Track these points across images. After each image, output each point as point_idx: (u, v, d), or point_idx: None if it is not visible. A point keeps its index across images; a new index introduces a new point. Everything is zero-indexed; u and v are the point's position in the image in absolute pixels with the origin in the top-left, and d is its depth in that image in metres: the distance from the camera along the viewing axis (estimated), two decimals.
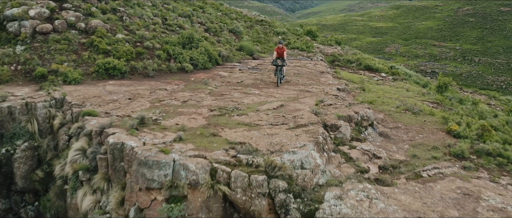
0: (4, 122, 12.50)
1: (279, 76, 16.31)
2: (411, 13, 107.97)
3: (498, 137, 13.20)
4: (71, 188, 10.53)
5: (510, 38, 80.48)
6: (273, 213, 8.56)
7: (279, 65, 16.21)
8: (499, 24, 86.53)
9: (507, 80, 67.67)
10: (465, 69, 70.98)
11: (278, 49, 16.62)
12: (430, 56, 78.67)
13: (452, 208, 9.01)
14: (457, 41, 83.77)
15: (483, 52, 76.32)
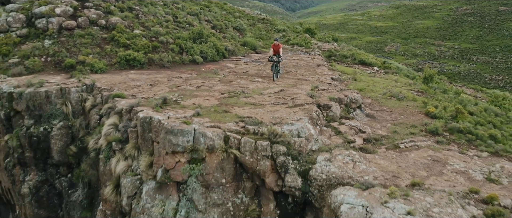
0: (42, 105, 14.49)
1: (275, 71, 17.34)
2: (411, 12, 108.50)
3: (471, 119, 15.15)
4: (105, 157, 12.51)
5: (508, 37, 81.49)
6: (275, 172, 10.53)
7: (275, 61, 17.20)
8: (497, 24, 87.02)
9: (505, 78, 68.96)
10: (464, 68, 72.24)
11: (274, 46, 17.53)
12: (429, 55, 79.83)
13: (422, 169, 10.99)
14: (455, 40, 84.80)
15: (481, 51, 77.26)
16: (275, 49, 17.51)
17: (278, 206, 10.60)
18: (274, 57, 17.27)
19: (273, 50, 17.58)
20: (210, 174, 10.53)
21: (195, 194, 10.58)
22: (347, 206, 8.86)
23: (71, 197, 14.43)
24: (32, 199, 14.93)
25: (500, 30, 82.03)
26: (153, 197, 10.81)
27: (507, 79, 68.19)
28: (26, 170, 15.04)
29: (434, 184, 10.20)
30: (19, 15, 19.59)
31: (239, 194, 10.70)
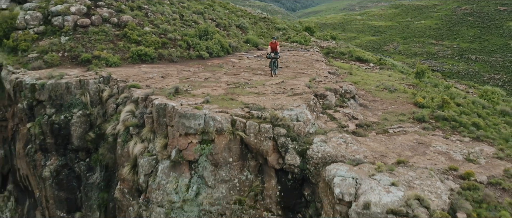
0: (62, 95, 15.82)
1: (273, 67, 17.98)
2: (410, 12, 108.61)
3: (456, 109, 16.46)
4: (122, 141, 13.84)
5: (506, 36, 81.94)
6: (276, 152, 11.86)
7: (273, 57, 17.92)
8: (496, 23, 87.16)
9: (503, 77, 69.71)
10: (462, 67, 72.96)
11: (272, 44, 18.31)
12: (428, 54, 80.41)
13: (407, 150, 12.31)
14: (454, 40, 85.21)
15: (480, 50, 77.71)
16: (272, 46, 18.34)
17: (279, 182, 11.92)
18: (272, 54, 18.09)
19: (271, 47, 18.40)
20: (219, 154, 11.85)
21: (205, 171, 11.91)
22: (339, 178, 10.19)
23: (89, 180, 15.76)
24: (52, 182, 16.26)
25: (499, 29, 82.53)
26: (168, 174, 12.14)
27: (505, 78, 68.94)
28: (47, 155, 16.37)
29: (417, 162, 11.52)
30: (36, 13, 20.91)
31: (244, 171, 12.03)
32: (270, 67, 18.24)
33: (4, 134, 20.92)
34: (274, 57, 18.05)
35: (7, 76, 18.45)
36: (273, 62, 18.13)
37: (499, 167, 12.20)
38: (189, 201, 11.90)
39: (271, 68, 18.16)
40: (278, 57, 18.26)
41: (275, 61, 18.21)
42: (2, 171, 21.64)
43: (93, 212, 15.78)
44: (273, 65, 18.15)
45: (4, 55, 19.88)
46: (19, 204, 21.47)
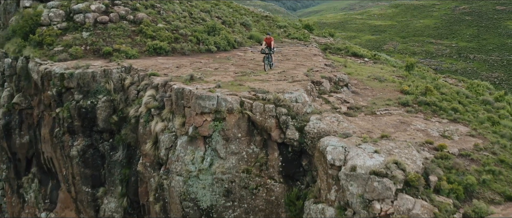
0: (89, 82, 17.88)
1: (267, 63, 18.25)
2: (410, 11, 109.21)
3: (438, 96, 18.48)
4: (144, 121, 15.88)
5: (504, 35, 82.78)
6: (278, 128, 13.90)
7: (267, 53, 18.17)
8: (494, 22, 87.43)
9: (501, 76, 71.12)
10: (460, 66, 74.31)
11: (266, 39, 18.50)
12: (427, 53, 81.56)
13: (390, 128, 14.35)
14: (453, 39, 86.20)
15: (478, 49, 78.52)
16: (267, 42, 18.49)
17: (280, 154, 13.97)
18: (266, 49, 18.28)
19: (266, 43, 18.56)
20: (229, 130, 13.90)
21: (218, 145, 13.96)
22: (331, 147, 12.23)
23: (113, 158, 17.81)
24: (79, 161, 18.32)
25: (497, 29, 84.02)
26: (185, 148, 14.20)
27: (503, 76, 70.34)
28: (74, 136, 18.43)
29: (398, 137, 13.56)
30: (59, 11, 22.96)
31: (251, 145, 14.08)
32: (264, 62, 18.47)
33: (30, 121, 22.94)
34: (268, 53, 18.31)
35: (35, 67, 20.50)
36: (267, 57, 18.40)
37: (470, 142, 14.25)
38: (204, 171, 13.94)
39: (265, 63, 18.40)
40: (271, 52, 18.44)
41: (269, 56, 18.49)
42: (27, 155, 23.66)
43: (116, 186, 17.84)
44: (266, 60, 18.41)
45: (31, 48, 21.93)
46: (43, 185, 23.52)
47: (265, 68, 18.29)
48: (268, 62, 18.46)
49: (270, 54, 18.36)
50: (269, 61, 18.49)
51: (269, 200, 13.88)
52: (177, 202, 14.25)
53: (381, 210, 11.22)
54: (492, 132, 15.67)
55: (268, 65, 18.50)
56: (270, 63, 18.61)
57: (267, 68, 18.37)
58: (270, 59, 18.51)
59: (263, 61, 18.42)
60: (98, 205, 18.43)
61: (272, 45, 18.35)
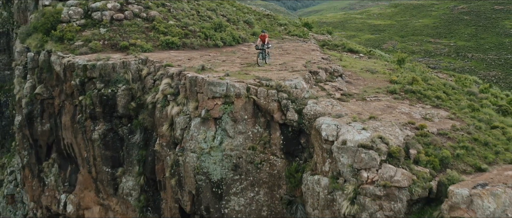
0: (109, 73, 19.89)
1: (260, 58, 19.39)
2: (409, 11, 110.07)
3: (424, 85, 20.44)
4: (161, 106, 17.89)
5: (502, 35, 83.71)
6: (280, 110, 15.90)
7: (261, 49, 19.44)
8: (492, 22, 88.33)
9: (498, 74, 72.55)
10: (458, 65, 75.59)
11: (261, 37, 19.86)
12: (425, 52, 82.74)
13: (378, 111, 16.35)
14: (451, 38, 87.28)
15: (476, 48, 79.05)
16: (262, 39, 19.76)
17: (282, 134, 15.98)
18: (260, 45, 19.51)
19: (261, 39, 19.80)
20: (237, 112, 15.92)
21: (227, 125, 15.97)
22: (325, 125, 14.24)
23: (131, 140, 19.81)
24: (100, 143, 20.33)
25: (495, 28, 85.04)
26: (199, 128, 16.21)
27: (500, 75, 71.72)
28: (95, 122, 20.44)
29: (384, 118, 15.55)
30: (78, 9, 24.98)
31: (256, 126, 16.10)
32: (258, 57, 19.60)
33: (50, 110, 24.93)
34: (262, 48, 19.48)
35: (57, 60, 22.50)
36: (261, 52, 19.57)
37: (448, 124, 16.24)
38: (215, 148, 15.96)
39: (258, 58, 19.51)
40: (265, 48, 19.53)
41: (263, 51, 19.62)
42: (48, 142, 25.66)
43: (133, 166, 19.84)
44: (261, 56, 19.51)
45: (53, 43, 23.92)
46: (62, 169, 25.53)
47: (258, 63, 19.57)
48: (262, 57, 19.78)
49: (264, 49, 19.76)
50: (263, 56, 19.80)
51: (272, 173, 15.90)
52: (191, 176, 16.27)
53: (368, 178, 13.24)
54: (470, 117, 17.62)
55: (263, 59, 19.77)
56: (264, 58, 19.88)
57: (261, 63, 19.65)
58: (264, 54, 19.84)
59: (257, 56, 19.82)
60: (117, 184, 20.44)
61: (266, 42, 19.75)
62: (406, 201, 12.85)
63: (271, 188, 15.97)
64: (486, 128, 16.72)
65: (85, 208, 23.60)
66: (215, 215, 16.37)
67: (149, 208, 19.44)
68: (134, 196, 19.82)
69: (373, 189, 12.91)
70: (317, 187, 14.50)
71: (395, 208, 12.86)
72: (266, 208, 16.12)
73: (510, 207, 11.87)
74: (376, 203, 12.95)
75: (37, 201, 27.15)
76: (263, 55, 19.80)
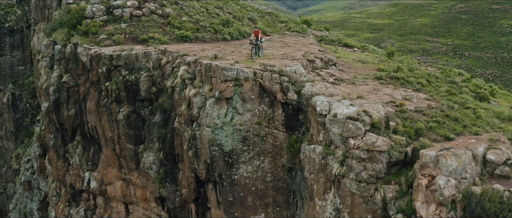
0: (133, 62, 22.79)
1: (254, 52, 21.30)
2: (407, 10, 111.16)
3: (408, 73, 23.31)
4: (179, 90, 20.79)
5: (499, 34, 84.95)
6: (282, 91, 18.79)
7: (254, 44, 21.46)
8: (489, 21, 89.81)
9: (494, 72, 74.57)
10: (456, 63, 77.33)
11: (255, 32, 21.78)
12: (423, 50, 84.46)
13: (365, 92, 19.25)
14: (449, 37, 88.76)
15: (473, 47, 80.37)
16: (256, 34, 21.73)
17: (283, 111, 18.89)
18: (254, 40, 21.51)
19: (254, 35, 21.75)
20: (246, 93, 18.82)
21: (237, 104, 18.88)
22: (319, 101, 17.14)
23: (151, 120, 22.72)
24: (124, 123, 23.24)
25: (492, 27, 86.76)
26: (213, 107, 19.13)
27: (496, 73, 73.72)
28: (120, 104, 23.34)
29: (370, 98, 18.44)
30: (101, 6, 27.90)
31: (261, 104, 19.01)
32: (251, 51, 21.55)
33: (76, 97, 27.80)
34: (255, 44, 21.50)
35: (84, 51, 25.40)
36: (254, 46, 21.52)
37: (425, 103, 19.12)
38: (227, 123, 18.88)
39: (252, 51, 21.45)
40: (258, 43, 21.50)
41: (256, 46, 21.58)
42: (73, 126, 28.55)
43: (154, 143, 22.75)
44: (254, 50, 21.45)
45: (78, 37, 26.83)
46: (85, 150, 28.42)
47: (252, 56, 21.39)
48: (256, 50, 21.78)
49: (257, 44, 21.83)
50: (256, 50, 21.81)
51: (275, 144, 18.83)
52: (206, 147, 19.20)
53: (354, 144, 16.13)
54: (447, 99, 20.52)
55: (256, 53, 21.72)
56: (258, 52, 21.86)
57: (255, 56, 21.49)
58: (257, 48, 21.86)
59: (251, 50, 21.82)
60: (139, 159, 23.36)
61: (259, 37, 21.84)
62: (385, 163, 15.70)
63: (274, 157, 18.90)
64: (459, 108, 19.59)
65: (108, 184, 26.51)
66: (226, 181, 19.30)
67: (167, 179, 22.33)
68: (154, 169, 22.72)
69: (359, 153, 15.78)
70: (313, 155, 17.41)
71: (376, 168, 15.72)
72: (270, 175, 19.05)
73: (469, 165, 14.81)
74: (361, 165, 15.82)
75: (61, 180, 30.02)
76: (256, 50, 21.90)
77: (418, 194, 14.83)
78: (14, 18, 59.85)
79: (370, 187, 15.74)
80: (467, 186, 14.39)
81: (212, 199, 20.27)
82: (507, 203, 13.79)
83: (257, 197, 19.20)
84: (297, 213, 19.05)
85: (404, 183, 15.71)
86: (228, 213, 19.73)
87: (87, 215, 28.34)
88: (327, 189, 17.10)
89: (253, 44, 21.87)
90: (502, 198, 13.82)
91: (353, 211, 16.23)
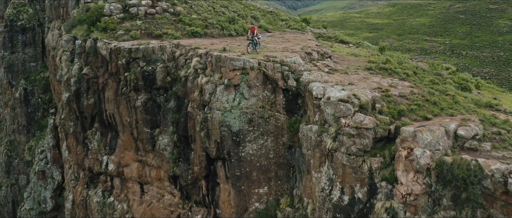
0: (150, 54, 25.53)
1: (251, 46, 23.28)
2: (406, 10, 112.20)
3: (395, 64, 26.02)
4: (192, 78, 23.52)
5: (496, 33, 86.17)
6: (283, 79, 21.51)
7: (250, 39, 23.58)
8: (486, 21, 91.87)
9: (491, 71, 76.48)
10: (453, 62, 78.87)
11: (251, 29, 23.91)
12: (421, 50, 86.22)
13: (355, 80, 21.97)
14: (447, 36, 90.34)
15: (471, 46, 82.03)
16: (252, 30, 23.88)
17: (284, 96, 21.62)
18: (250, 37, 23.70)
19: (251, 31, 23.86)
20: (251, 80, 21.54)
21: (244, 90, 21.60)
22: (315, 87, 19.86)
23: (166, 107, 25.44)
24: (142, 109, 25.96)
25: (489, 27, 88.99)
26: (222, 92, 21.85)
27: (493, 72, 75.63)
28: (138, 92, 26.07)
29: (359, 84, 21.15)
30: (118, 5, 30.64)
31: (265, 90, 21.73)
32: (248, 46, 23.48)
33: (95, 87, 30.51)
34: (251, 39, 23.61)
35: (103, 46, 28.12)
36: (250, 42, 23.63)
37: (408, 90, 21.82)
38: (235, 107, 21.61)
39: (248, 47, 23.39)
40: (254, 39, 23.61)
41: (252, 41, 23.63)
42: (92, 113, 31.27)
43: (168, 127, 25.48)
44: (250, 45, 23.49)
45: (98, 32, 29.56)
46: (103, 136, 31.15)
47: (248, 50, 23.25)
48: (253, 46, 23.74)
49: (253, 40, 23.85)
50: (252, 45, 23.75)
51: (277, 125, 21.56)
52: (216, 128, 21.93)
53: (345, 123, 18.82)
54: (429, 88, 23.22)
55: (253, 48, 23.62)
56: (254, 47, 23.76)
57: (251, 50, 23.35)
58: (253, 43, 23.84)
59: (248, 45, 23.68)
60: (155, 141, 26.09)
61: (255, 33, 23.92)
62: (371, 139, 18.37)
63: (276, 137, 21.63)
64: (439, 94, 22.30)
65: (125, 165, 29.24)
66: (234, 158, 22.03)
67: (181, 159, 25.06)
68: (169, 151, 25.45)
69: (349, 130, 18.48)
70: (309, 133, 20.13)
71: (364, 143, 18.40)
72: (272, 152, 21.79)
73: (442, 139, 17.50)
74: (351, 140, 18.51)
75: (80, 164, 32.74)
76: (252, 45, 23.79)
77: (399, 164, 17.53)
78: (26, 16, 62.50)
79: (359, 159, 18.40)
80: (440, 156, 17.05)
81: (221, 175, 23.01)
82: (473, 170, 16.46)
83: (261, 172, 21.94)
84: (296, 185, 21.79)
85: (387, 155, 18.36)
86: (235, 187, 22.46)
87: (105, 195, 31.07)
88: (322, 162, 19.80)
89: (249, 39, 24.05)
90: (469, 166, 16.47)
91: (344, 180, 18.93)
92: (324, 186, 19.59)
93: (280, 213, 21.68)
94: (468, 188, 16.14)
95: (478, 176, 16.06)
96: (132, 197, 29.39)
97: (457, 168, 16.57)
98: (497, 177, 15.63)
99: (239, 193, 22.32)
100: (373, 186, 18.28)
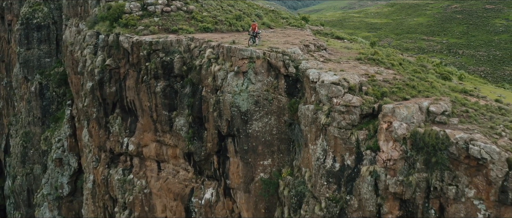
0: (168, 46, 29.29)
1: (252, 41, 26.37)
2: (404, 10, 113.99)
3: (383, 56, 29.75)
4: (206, 67, 27.27)
5: (492, 33, 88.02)
6: (284, 67, 25.25)
7: (251, 35, 26.60)
8: (483, 20, 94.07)
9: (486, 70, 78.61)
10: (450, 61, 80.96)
11: (253, 25, 27.01)
12: (419, 49, 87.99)
13: (346, 68, 25.71)
14: (444, 36, 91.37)
15: (467, 45, 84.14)
16: (252, 27, 27.01)
17: (285, 81, 25.37)
18: (251, 32, 26.85)
19: (252, 28, 27.03)
20: (257, 68, 25.30)
21: (251, 76, 25.35)
22: (312, 72, 23.61)
23: (183, 92, 29.19)
24: (161, 94, 29.72)
25: (485, 26, 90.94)
26: (233, 78, 25.61)
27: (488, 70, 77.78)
28: (157, 80, 29.83)
29: (350, 71, 24.87)
30: (137, 3, 34.41)
31: (269, 77, 25.49)
32: (249, 40, 26.72)
33: (116, 77, 34.24)
34: (252, 35, 26.69)
35: (125, 39, 31.86)
36: (251, 37, 26.79)
37: (391, 76, 25.52)
38: (243, 90, 25.36)
39: (249, 41, 26.57)
40: (255, 34, 26.72)
41: (253, 37, 26.71)
42: (113, 100, 34.99)
43: (184, 110, 29.23)
44: (251, 39, 26.62)
45: (119, 28, 33.31)
46: (124, 120, 34.88)
47: (249, 44, 26.60)
48: (253, 40, 26.88)
49: (254, 35, 27.01)
50: (254, 40, 26.88)
51: (279, 106, 25.33)
52: (227, 108, 25.69)
53: (336, 102, 22.52)
54: (411, 75, 26.92)
55: (253, 42, 26.75)
56: (254, 41, 26.81)
57: (251, 44, 26.56)
58: (254, 38, 26.95)
59: (249, 40, 27.04)
60: (172, 123, 29.85)
61: (256, 29, 27.11)
62: (358, 115, 22.03)
63: (278, 116, 25.38)
64: (419, 81, 26.00)
65: (144, 146, 33.00)
66: (242, 134, 25.77)
67: (195, 137, 28.82)
68: (184, 131, 29.21)
69: (339, 108, 22.17)
70: (307, 112, 23.86)
71: (352, 118, 22.08)
72: (275, 129, 25.55)
73: (416, 114, 21.18)
74: (341, 116, 22.22)
75: (102, 146, 36.47)
76: (253, 40, 26.96)
77: (380, 135, 21.24)
78: (41, 15, 66.16)
79: (348, 132, 22.08)
80: (414, 128, 20.72)
81: (231, 150, 26.77)
82: (441, 138, 20.10)
83: (265, 146, 25.69)
84: (296, 157, 25.55)
85: (371, 129, 22.03)
86: (243, 159, 26.21)
87: (125, 173, 34.82)
88: (317, 136, 23.54)
89: (250, 35, 27.29)
90: (438, 135, 20.12)
91: (336, 150, 22.63)
92: (319, 156, 23.28)
93: (282, 181, 25.44)
94: (437, 153, 19.74)
95: (445, 143, 19.67)
96: (150, 174, 33.13)
97: (428, 137, 20.17)
98: (460, 144, 19.24)
99: (247, 165, 26.07)
100: (359, 154, 21.88)
